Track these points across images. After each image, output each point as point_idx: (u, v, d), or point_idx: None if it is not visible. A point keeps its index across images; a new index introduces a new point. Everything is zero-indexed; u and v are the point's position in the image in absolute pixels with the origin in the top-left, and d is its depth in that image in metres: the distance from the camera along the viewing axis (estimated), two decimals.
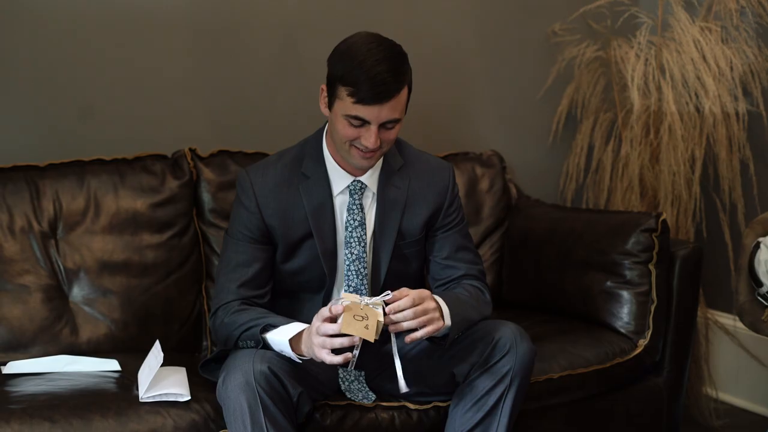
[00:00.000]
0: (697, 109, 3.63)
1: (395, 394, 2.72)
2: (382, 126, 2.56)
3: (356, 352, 2.42)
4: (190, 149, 3.21)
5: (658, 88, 3.65)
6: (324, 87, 2.63)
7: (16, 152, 3.12)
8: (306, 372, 2.59)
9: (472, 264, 2.80)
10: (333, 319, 2.41)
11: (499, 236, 3.56)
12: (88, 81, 3.25)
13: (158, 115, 3.33)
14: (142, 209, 3.09)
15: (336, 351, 2.40)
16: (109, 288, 3.01)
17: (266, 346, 2.52)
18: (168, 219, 3.12)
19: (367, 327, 2.37)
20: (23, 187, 3.01)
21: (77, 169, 3.08)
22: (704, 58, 3.58)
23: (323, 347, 2.39)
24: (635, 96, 3.62)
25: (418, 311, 2.46)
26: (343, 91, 2.54)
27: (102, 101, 3.27)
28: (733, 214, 3.70)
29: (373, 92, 2.50)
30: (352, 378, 2.74)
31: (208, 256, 3.14)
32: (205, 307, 3.12)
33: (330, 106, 2.61)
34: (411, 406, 2.75)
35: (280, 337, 2.50)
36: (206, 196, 3.17)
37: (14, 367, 2.77)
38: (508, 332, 2.58)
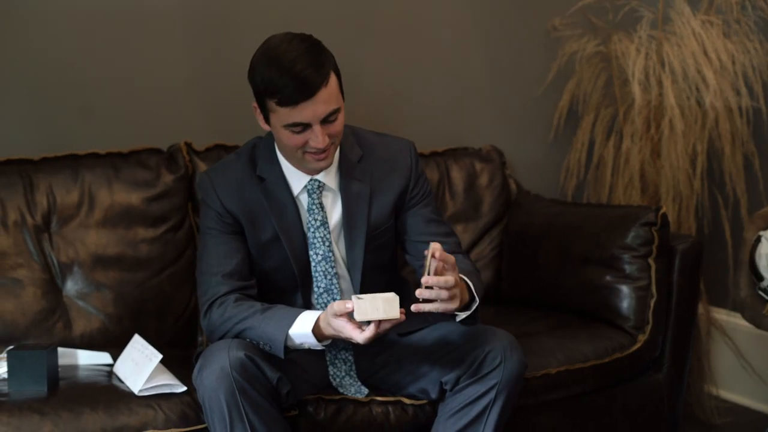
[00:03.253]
0: (699, 104, 3.60)
1: (391, 389, 2.72)
2: (325, 121, 2.50)
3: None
4: (186, 143, 3.20)
5: (659, 83, 3.62)
6: (255, 105, 2.58)
7: (10, 146, 3.11)
8: (293, 363, 2.57)
9: (446, 236, 2.73)
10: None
11: (498, 232, 3.53)
12: (82, 75, 3.23)
13: (153, 109, 3.32)
14: (137, 203, 3.07)
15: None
16: (102, 282, 3.00)
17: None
18: (163, 213, 3.10)
19: (385, 310, 2.35)
20: (17, 181, 3.00)
21: (71, 163, 3.07)
22: (705, 52, 3.55)
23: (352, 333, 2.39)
24: (636, 90, 3.59)
25: (450, 285, 2.36)
26: (272, 104, 2.49)
27: (97, 95, 3.25)
28: (736, 210, 3.66)
29: (300, 93, 2.44)
30: (343, 374, 2.72)
31: None
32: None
33: (267, 121, 2.56)
34: (406, 401, 2.72)
35: (301, 329, 2.47)
36: None
37: None
38: (499, 345, 2.54)
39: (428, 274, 2.35)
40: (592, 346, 3.03)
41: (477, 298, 2.50)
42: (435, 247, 2.35)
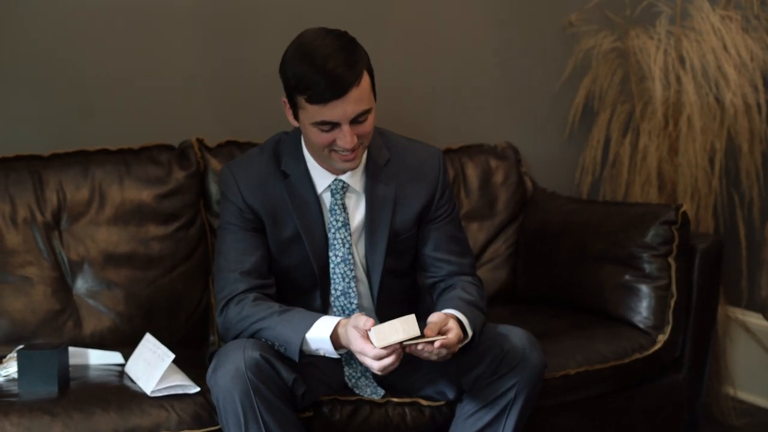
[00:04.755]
0: (717, 100, 3.55)
1: (407, 390, 2.68)
2: (354, 121, 2.44)
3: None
4: (198, 139, 3.16)
5: (678, 79, 3.58)
6: (285, 99, 2.52)
7: (19, 142, 3.07)
8: (309, 364, 2.52)
9: (462, 257, 2.70)
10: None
11: (514, 230, 3.49)
12: (93, 70, 3.21)
13: (165, 104, 3.28)
14: (148, 200, 3.04)
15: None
16: (113, 280, 2.96)
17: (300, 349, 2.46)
18: (174, 210, 3.06)
19: (404, 330, 2.35)
20: (26, 178, 2.96)
21: (81, 159, 3.04)
22: (725, 47, 3.51)
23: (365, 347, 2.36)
24: (657, 87, 3.55)
25: (443, 355, 2.42)
26: (302, 100, 2.43)
27: (108, 91, 3.23)
28: (751, 209, 3.62)
29: (331, 91, 2.38)
30: (359, 374, 2.68)
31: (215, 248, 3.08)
32: (212, 301, 3.06)
33: (296, 117, 2.51)
34: (423, 402, 2.68)
35: (319, 334, 2.43)
36: (214, 188, 3.12)
37: None
38: (518, 343, 2.50)
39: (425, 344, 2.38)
40: (612, 347, 2.99)
41: (469, 334, 2.49)
42: (444, 343, 2.39)
